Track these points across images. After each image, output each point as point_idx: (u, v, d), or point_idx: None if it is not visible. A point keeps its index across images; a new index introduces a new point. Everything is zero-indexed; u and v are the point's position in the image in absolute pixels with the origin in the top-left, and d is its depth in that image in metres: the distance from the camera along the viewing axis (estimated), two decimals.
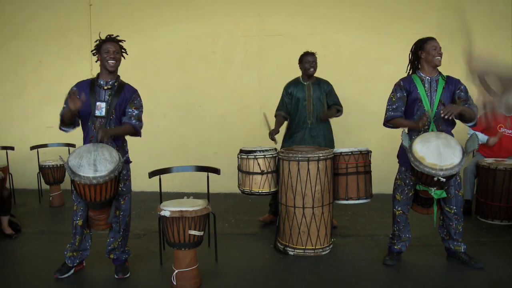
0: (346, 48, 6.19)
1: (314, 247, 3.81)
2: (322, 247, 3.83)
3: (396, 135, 3.32)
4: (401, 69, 3.50)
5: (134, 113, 3.32)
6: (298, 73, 4.61)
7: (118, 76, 3.41)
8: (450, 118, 3.16)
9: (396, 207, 3.59)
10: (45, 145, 5.96)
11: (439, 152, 3.08)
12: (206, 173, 3.87)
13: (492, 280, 3.28)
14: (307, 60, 4.47)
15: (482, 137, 5.02)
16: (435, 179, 3.05)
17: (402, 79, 3.53)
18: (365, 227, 4.63)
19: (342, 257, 3.80)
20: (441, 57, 3.38)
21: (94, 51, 3.35)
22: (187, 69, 6.45)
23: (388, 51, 6.09)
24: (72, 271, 3.39)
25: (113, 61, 3.27)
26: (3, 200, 4.27)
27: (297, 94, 4.51)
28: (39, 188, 5.93)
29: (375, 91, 6.08)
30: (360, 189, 3.95)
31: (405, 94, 3.47)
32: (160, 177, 3.78)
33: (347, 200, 3.95)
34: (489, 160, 4.73)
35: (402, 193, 3.54)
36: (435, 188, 3.20)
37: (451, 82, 3.41)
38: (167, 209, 3.05)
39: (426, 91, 3.40)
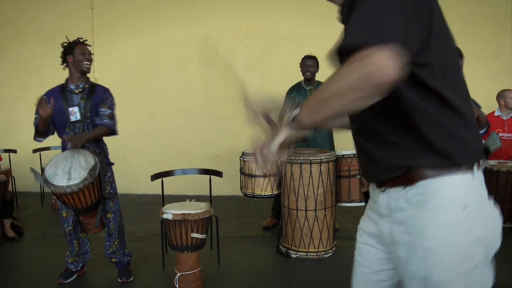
0: None
1: (316, 250, 3.80)
2: (324, 249, 3.82)
3: None
4: None
5: (106, 112, 3.27)
6: (299, 75, 4.61)
7: (88, 78, 3.35)
8: None
9: None
10: (47, 148, 5.96)
11: None
12: (208, 176, 3.86)
13: (496, 283, 3.26)
14: (305, 64, 4.49)
15: None
16: None
17: None
18: None
19: (345, 260, 3.78)
20: None
21: (64, 54, 3.26)
22: (189, 71, 6.45)
23: None
24: (75, 275, 3.40)
25: (88, 63, 3.24)
26: (6, 203, 4.28)
27: (299, 98, 4.51)
28: (42, 191, 5.94)
29: None
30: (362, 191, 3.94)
31: None
32: (162, 179, 3.77)
33: (349, 202, 3.95)
34: (492, 162, 4.71)
35: None
36: None
37: None
38: (170, 212, 3.05)
39: None
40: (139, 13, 6.45)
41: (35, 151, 5.89)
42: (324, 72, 4.51)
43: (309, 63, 4.46)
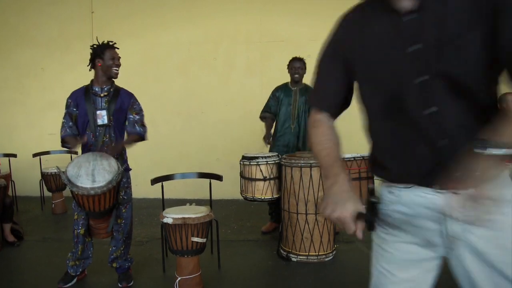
0: None
1: (317, 253, 3.79)
2: (325, 253, 3.82)
3: None
4: None
5: (136, 119, 3.31)
6: None
7: (113, 81, 3.35)
8: None
9: None
10: (47, 152, 5.96)
11: None
12: (208, 180, 3.86)
13: None
14: (293, 66, 4.53)
15: None
16: None
17: None
18: (368, 233, 4.59)
19: (345, 263, 3.78)
20: None
21: (93, 56, 3.27)
22: (189, 75, 6.46)
23: None
24: (75, 280, 3.38)
25: (117, 68, 3.26)
26: (6, 208, 4.27)
27: (284, 98, 4.57)
28: (42, 195, 5.93)
29: None
30: (363, 195, 3.93)
31: None
32: (162, 183, 3.77)
33: None
34: None
35: None
36: None
37: None
38: (170, 216, 3.05)
39: None
40: (138, 17, 6.47)
41: (35, 155, 5.89)
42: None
43: (297, 65, 4.49)
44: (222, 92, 6.41)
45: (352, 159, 3.91)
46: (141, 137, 3.33)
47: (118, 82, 3.42)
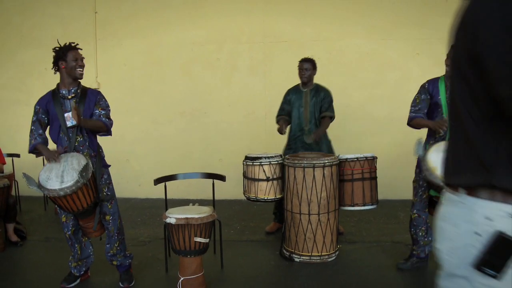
0: (351, 53, 6.18)
1: (320, 254, 3.79)
2: (328, 253, 3.81)
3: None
4: (407, 75, 3.50)
5: (102, 113, 3.27)
6: None
7: (79, 83, 3.32)
8: (442, 134, 3.11)
9: (413, 210, 3.56)
10: None
11: None
12: (211, 180, 3.86)
13: None
14: (301, 67, 4.48)
15: None
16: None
17: (429, 81, 3.44)
18: (371, 234, 4.60)
19: (348, 264, 3.77)
20: None
21: (55, 59, 3.21)
22: (192, 75, 6.46)
23: (393, 56, 6.08)
24: (78, 280, 3.39)
25: (81, 69, 3.21)
26: (9, 208, 4.29)
27: (295, 101, 4.52)
28: (45, 195, 5.92)
29: (380, 97, 6.07)
30: (366, 195, 3.93)
31: (428, 96, 3.40)
32: (165, 184, 3.77)
33: (352, 206, 3.93)
34: None
35: (417, 195, 3.51)
36: None
37: None
38: (173, 216, 3.05)
39: (447, 97, 3.29)
40: (142, 17, 6.48)
41: (38, 155, 5.89)
42: (324, 74, 4.51)
43: (305, 66, 4.45)
44: (225, 92, 6.41)
45: (356, 159, 3.90)
46: (106, 127, 3.27)
47: (121, 82, 3.43)
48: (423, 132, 3.48)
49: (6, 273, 3.67)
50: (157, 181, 3.74)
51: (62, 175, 2.94)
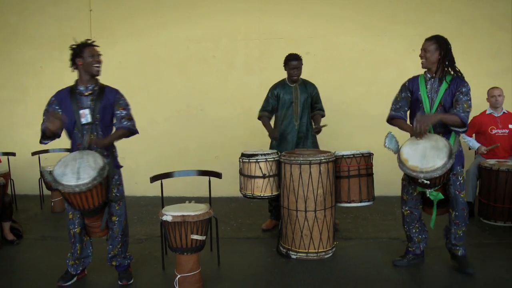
0: (347, 51, 6.18)
1: (316, 251, 3.79)
2: (324, 250, 3.82)
3: (398, 138, 3.30)
4: (403, 72, 3.51)
5: (123, 114, 3.27)
6: None
7: (97, 80, 3.33)
8: (423, 133, 3.15)
9: (404, 207, 3.59)
10: (46, 151, 5.96)
11: (424, 155, 3.10)
12: (207, 177, 3.86)
13: (496, 281, 3.26)
14: (291, 65, 4.43)
15: (473, 144, 5.05)
16: (419, 181, 3.08)
17: (409, 79, 3.51)
18: (368, 230, 4.61)
19: (345, 260, 3.78)
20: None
21: (73, 56, 3.23)
22: (188, 73, 6.45)
23: (389, 53, 6.09)
24: (75, 278, 3.37)
25: (98, 65, 3.23)
26: (5, 206, 4.27)
27: (284, 96, 4.50)
28: (41, 193, 5.92)
29: (376, 94, 6.08)
30: (362, 192, 3.93)
31: (408, 94, 3.45)
32: (161, 181, 3.77)
33: (349, 203, 3.94)
34: (491, 161, 4.71)
35: (407, 193, 3.54)
36: (430, 190, 3.22)
37: (455, 83, 3.29)
38: (169, 213, 3.04)
39: (427, 92, 3.35)
40: (137, 15, 6.46)
41: (34, 153, 5.89)
42: (320, 71, 4.51)
43: (295, 64, 4.43)
44: (221, 89, 6.40)
45: (352, 156, 3.91)
46: (130, 131, 3.29)
47: (117, 80, 3.42)
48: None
49: (2, 272, 3.66)
50: (153, 178, 3.74)
51: (78, 171, 2.90)
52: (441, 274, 3.43)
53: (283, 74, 4.65)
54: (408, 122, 3.49)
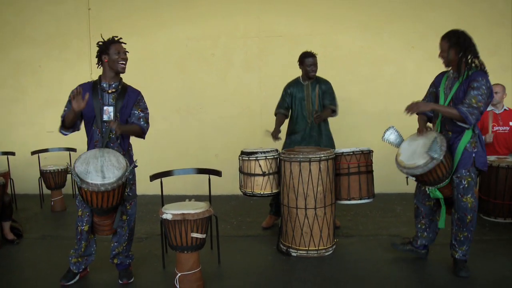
0: (346, 48, 6.18)
1: (317, 248, 3.80)
2: (325, 247, 3.82)
3: (402, 133, 3.33)
4: (402, 69, 3.50)
5: (141, 115, 3.28)
6: (298, 73, 4.59)
7: (121, 78, 3.35)
8: (410, 115, 3.21)
9: (414, 200, 3.66)
10: (46, 150, 5.96)
11: (414, 151, 3.16)
12: (207, 176, 3.86)
13: (496, 278, 3.27)
14: (309, 63, 4.42)
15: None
16: (406, 177, 3.21)
17: (438, 75, 3.53)
18: (368, 227, 4.61)
19: (345, 258, 3.78)
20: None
21: (99, 53, 3.26)
22: (187, 71, 6.44)
23: (388, 51, 6.08)
24: (77, 277, 3.37)
25: (124, 62, 3.25)
26: (5, 206, 4.27)
27: (297, 94, 4.50)
28: (41, 193, 5.92)
29: (375, 91, 6.08)
30: (362, 189, 3.93)
31: (434, 89, 3.50)
32: (161, 180, 3.77)
33: (349, 200, 3.94)
34: (492, 158, 4.70)
35: (417, 185, 3.59)
36: (432, 188, 3.28)
37: (469, 78, 3.19)
38: (169, 212, 3.04)
39: (444, 89, 3.36)
40: (136, 13, 6.44)
41: (33, 153, 5.88)
42: (319, 69, 4.50)
43: (312, 61, 4.41)
44: (220, 88, 6.39)
45: (351, 153, 3.91)
46: (142, 132, 3.29)
47: None
48: (413, 123, 3.51)
49: (3, 271, 3.65)
50: (153, 177, 3.74)
51: (102, 170, 2.90)
52: (442, 271, 3.43)
53: (282, 72, 4.65)
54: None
